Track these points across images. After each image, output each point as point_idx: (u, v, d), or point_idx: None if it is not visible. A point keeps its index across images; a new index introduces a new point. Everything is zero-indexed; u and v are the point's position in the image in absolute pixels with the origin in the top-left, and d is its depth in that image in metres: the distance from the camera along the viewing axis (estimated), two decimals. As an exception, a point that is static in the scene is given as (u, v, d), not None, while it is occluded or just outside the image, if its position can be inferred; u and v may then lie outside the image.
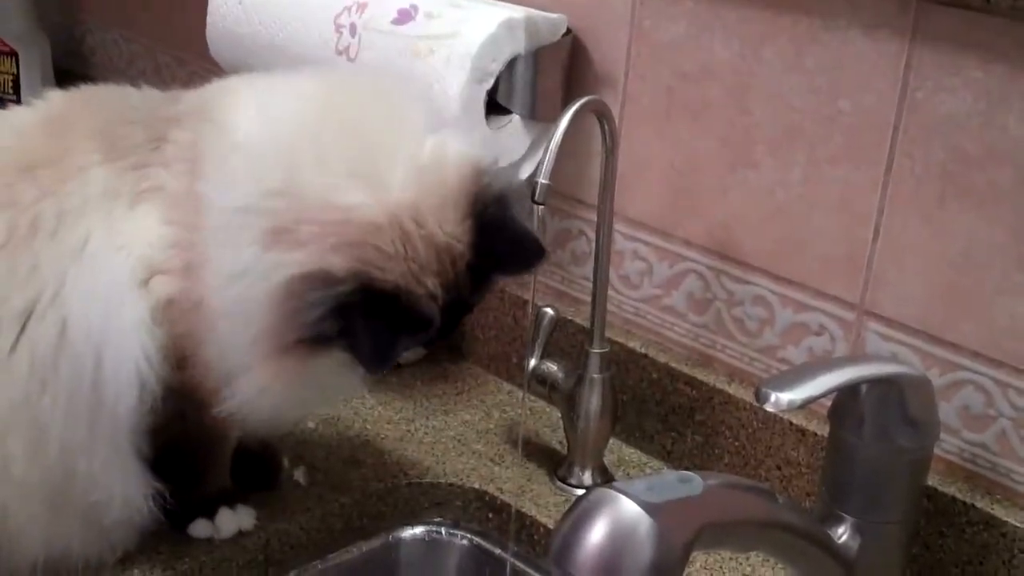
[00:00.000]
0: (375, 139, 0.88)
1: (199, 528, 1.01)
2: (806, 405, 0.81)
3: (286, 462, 1.10)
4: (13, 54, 1.67)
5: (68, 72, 1.69)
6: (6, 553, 0.92)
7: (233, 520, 1.01)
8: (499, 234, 0.89)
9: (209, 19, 1.30)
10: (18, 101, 1.64)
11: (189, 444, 0.96)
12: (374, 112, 0.91)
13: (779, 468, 1.05)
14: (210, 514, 1.01)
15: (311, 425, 1.16)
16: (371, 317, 0.83)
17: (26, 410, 0.88)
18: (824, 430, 0.99)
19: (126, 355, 0.88)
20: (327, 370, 0.88)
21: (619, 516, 0.70)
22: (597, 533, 0.70)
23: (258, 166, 0.87)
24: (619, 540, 0.70)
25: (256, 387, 0.88)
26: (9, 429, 0.88)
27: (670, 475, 0.75)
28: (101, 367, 0.88)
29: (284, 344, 0.85)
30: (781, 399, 0.80)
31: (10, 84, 1.68)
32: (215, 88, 0.96)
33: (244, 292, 0.85)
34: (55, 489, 0.91)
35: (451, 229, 0.87)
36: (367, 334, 0.83)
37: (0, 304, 0.88)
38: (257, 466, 1.06)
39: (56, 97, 0.97)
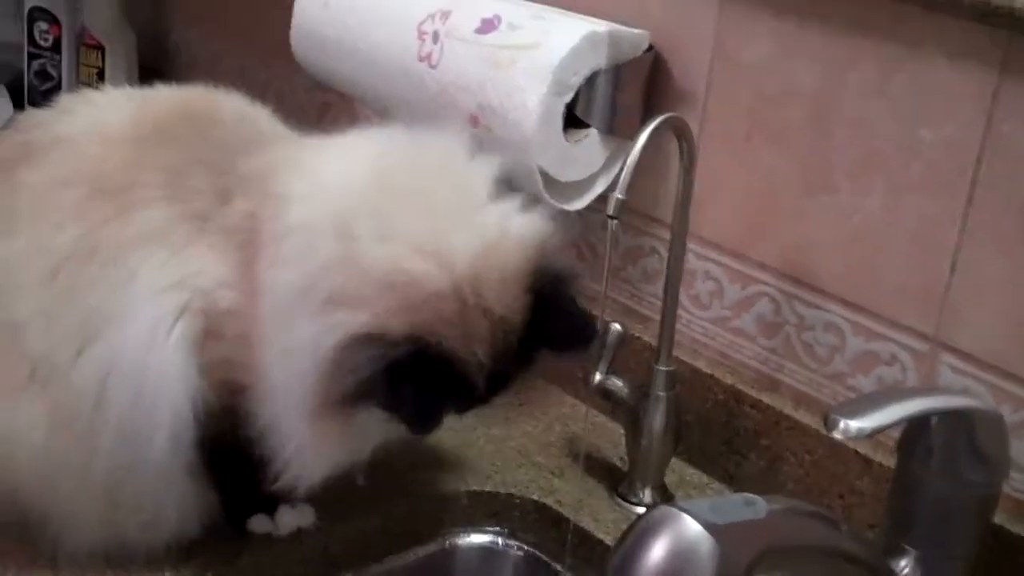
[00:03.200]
0: (437, 211, 0.89)
1: (258, 524, 1.01)
2: (875, 434, 0.80)
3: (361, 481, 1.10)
4: (100, 48, 1.70)
5: (153, 69, 1.72)
6: (64, 535, 0.94)
7: (293, 517, 1.02)
8: (554, 313, 0.90)
9: (294, 21, 1.31)
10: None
11: (244, 451, 0.97)
12: (435, 180, 0.91)
13: (842, 497, 1.04)
14: (270, 510, 1.02)
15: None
16: (420, 381, 0.84)
17: (80, 425, 0.90)
18: (890, 461, 0.98)
19: (163, 402, 0.89)
20: (369, 427, 0.90)
21: (681, 535, 0.70)
22: (658, 551, 0.70)
23: (315, 244, 0.87)
24: (680, 560, 0.70)
25: (299, 447, 0.89)
26: (62, 439, 0.90)
27: (734, 497, 0.74)
28: (142, 402, 0.89)
29: (327, 404, 0.86)
30: (850, 426, 0.79)
31: (96, 77, 1.71)
32: (285, 154, 0.95)
33: (298, 356, 0.86)
34: (106, 506, 0.93)
35: (509, 303, 0.87)
36: (414, 397, 0.84)
37: (61, 318, 0.90)
38: None
39: (157, 102, 0.97)
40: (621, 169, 0.94)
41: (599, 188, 1.14)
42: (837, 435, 0.79)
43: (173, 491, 0.93)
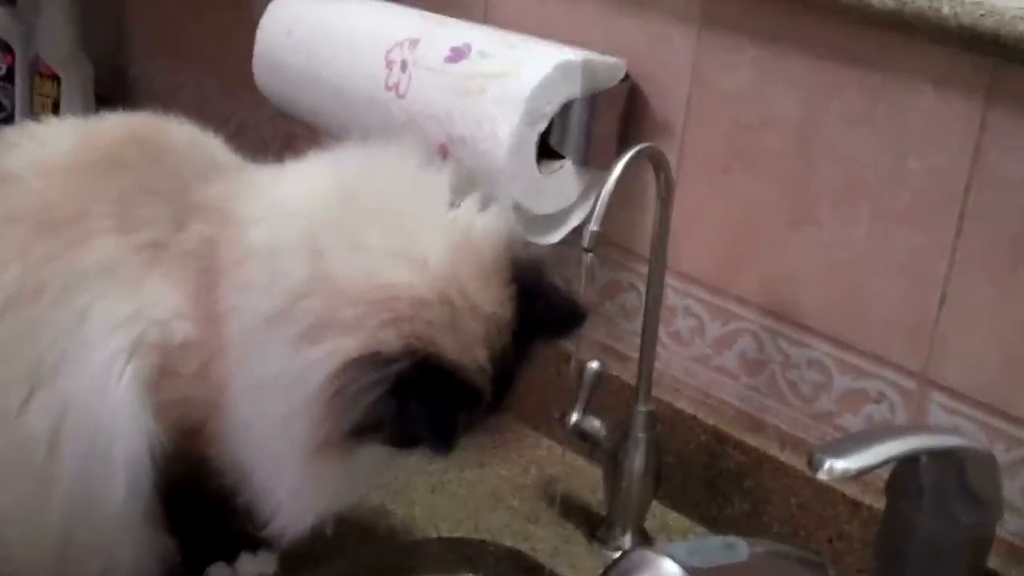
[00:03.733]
0: (402, 217, 0.89)
1: (218, 572, 1.00)
2: (862, 475, 0.80)
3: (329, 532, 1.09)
4: (55, 78, 1.70)
5: (110, 100, 1.71)
6: None
7: (255, 566, 1.01)
8: (541, 299, 0.90)
9: (256, 49, 1.32)
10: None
11: (203, 496, 0.96)
12: (394, 189, 0.91)
13: (831, 542, 1.04)
14: (230, 558, 1.01)
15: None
16: (427, 394, 0.83)
17: (31, 473, 0.89)
18: (880, 503, 0.98)
19: (118, 447, 0.88)
20: (368, 464, 0.89)
21: (660, 580, 0.70)
22: (636, 597, 0.69)
23: (282, 267, 0.86)
24: (659, 606, 0.69)
25: (293, 491, 0.88)
26: (12, 491, 0.89)
27: (714, 540, 0.74)
28: (97, 449, 0.88)
29: (329, 440, 0.85)
30: (835, 467, 0.79)
31: (50, 107, 1.70)
32: (242, 180, 0.95)
33: (279, 397, 0.85)
34: (58, 556, 0.91)
35: (494, 298, 0.87)
36: (427, 413, 0.83)
37: (7, 363, 0.89)
38: None
39: (102, 131, 0.96)
40: (596, 201, 0.94)
41: (574, 221, 1.15)
42: (822, 476, 0.79)
43: (129, 539, 0.92)
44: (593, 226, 0.94)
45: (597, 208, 0.94)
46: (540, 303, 0.90)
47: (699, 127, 1.10)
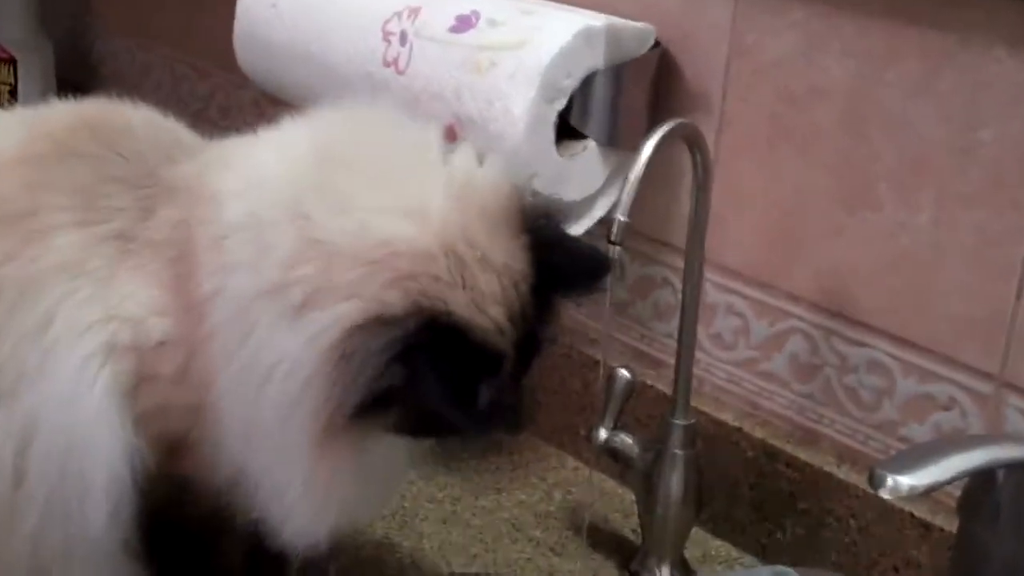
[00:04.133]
0: (392, 172, 0.89)
1: (203, 616, 1.01)
2: (930, 492, 0.79)
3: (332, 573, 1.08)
4: (11, 61, 1.71)
5: (73, 84, 1.72)
6: None
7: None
8: (558, 248, 0.90)
9: (237, 25, 1.32)
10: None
11: (190, 527, 0.96)
12: (380, 145, 0.92)
13: (896, 570, 1.04)
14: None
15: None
16: (441, 358, 0.82)
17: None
18: (952, 525, 0.98)
19: (98, 466, 0.88)
20: (385, 458, 0.89)
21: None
22: (676, 634, 0.69)
23: (268, 238, 0.86)
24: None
25: (304, 489, 0.87)
26: None
27: (763, 571, 0.74)
28: (70, 470, 0.88)
29: (335, 423, 0.84)
30: (900, 484, 0.78)
31: (7, 95, 1.71)
32: (211, 155, 0.96)
33: (276, 382, 0.85)
34: None
35: (506, 248, 0.87)
36: (441, 379, 0.82)
37: None
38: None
39: (51, 120, 0.97)
40: (624, 187, 0.94)
41: (599, 210, 1.14)
42: (885, 494, 0.79)
43: (108, 574, 0.92)
44: (621, 215, 0.93)
45: (625, 195, 0.94)
46: (557, 253, 0.89)
47: (739, 100, 1.10)
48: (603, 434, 1.11)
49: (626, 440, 1.11)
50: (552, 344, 0.92)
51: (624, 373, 1.10)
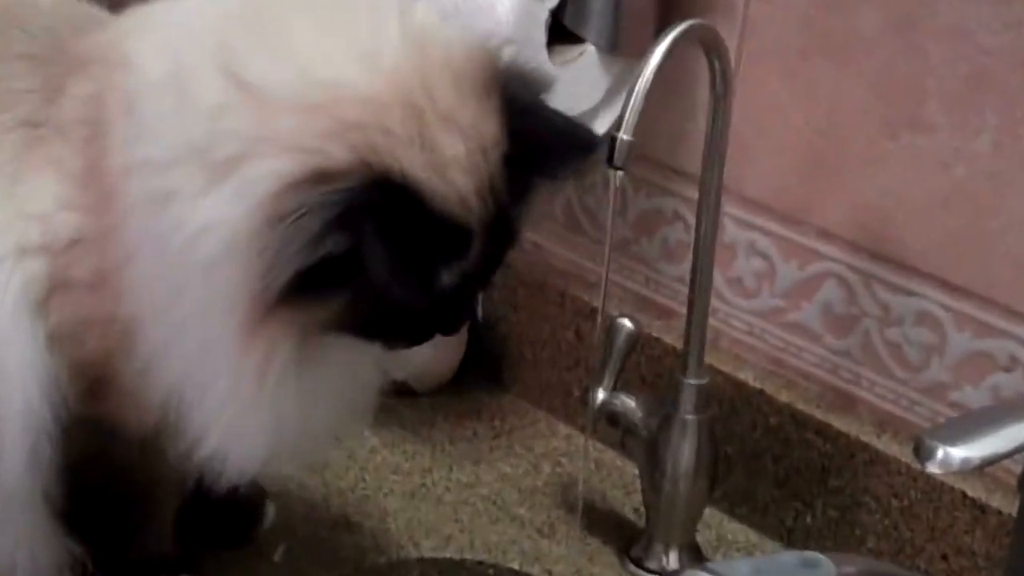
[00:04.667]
0: (342, 12, 0.88)
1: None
2: (987, 467, 0.79)
3: (271, 509, 1.10)
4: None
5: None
6: None
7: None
8: (535, 115, 0.89)
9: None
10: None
11: (116, 489, 0.97)
12: None
13: (945, 558, 1.04)
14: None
15: (287, 471, 1.16)
16: (392, 225, 0.82)
17: None
18: (1011, 506, 0.98)
19: (11, 393, 0.88)
20: (321, 358, 0.88)
21: (714, 611, 0.70)
22: (682, 633, 0.70)
23: (191, 91, 0.86)
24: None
25: (225, 392, 0.87)
26: None
27: (788, 557, 0.74)
28: None
29: (263, 304, 0.83)
30: (952, 456, 0.78)
31: None
32: (128, 21, 0.95)
33: (201, 264, 0.84)
34: None
35: (474, 108, 0.86)
36: (392, 248, 0.81)
37: None
38: (225, 513, 1.07)
39: None
40: (628, 101, 0.94)
41: (599, 128, 1.14)
42: (934, 469, 0.79)
43: (25, 532, 0.92)
44: (624, 134, 0.93)
45: (629, 110, 0.93)
46: (534, 120, 0.89)
47: (766, 1, 1.10)
48: (601, 395, 1.11)
49: (628, 402, 1.11)
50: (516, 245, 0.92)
51: (626, 323, 1.11)
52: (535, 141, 0.88)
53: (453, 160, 0.85)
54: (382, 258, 0.81)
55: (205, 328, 0.86)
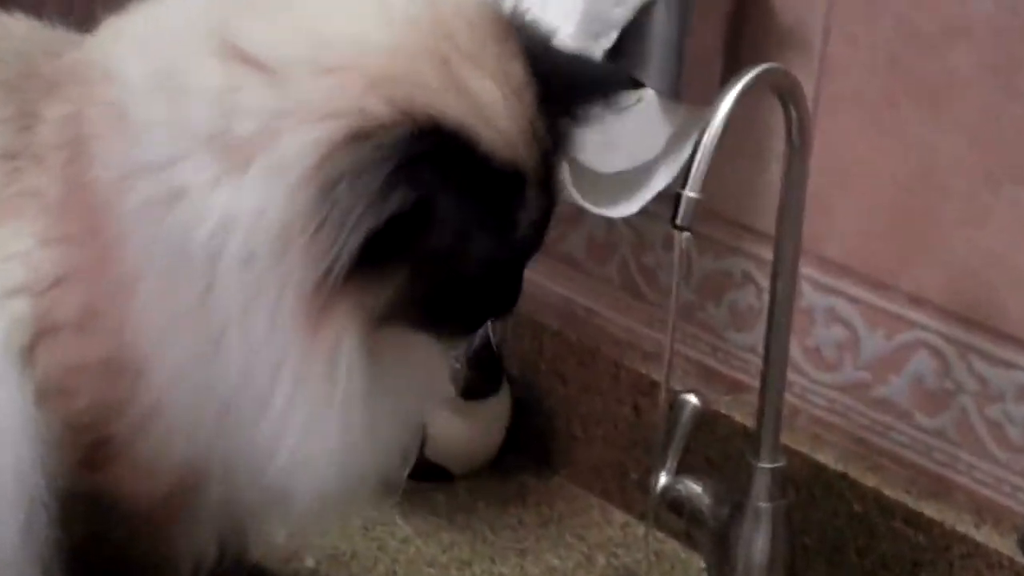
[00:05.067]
0: None
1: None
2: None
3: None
4: None
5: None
6: None
7: None
8: (556, 58, 0.93)
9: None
10: None
11: (118, 541, 0.98)
12: None
13: (1054, 665, 1.04)
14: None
15: (310, 564, 1.17)
16: (453, 174, 0.84)
17: None
18: None
19: (8, 452, 0.89)
20: (390, 349, 0.90)
21: None
22: None
23: (180, 85, 0.88)
24: None
25: (291, 391, 0.87)
26: None
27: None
28: None
29: (327, 289, 0.84)
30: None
31: None
32: (102, 36, 0.97)
33: (230, 258, 0.85)
34: None
35: (498, 53, 0.89)
36: (462, 195, 0.84)
37: None
38: None
39: None
40: (694, 154, 0.94)
41: (659, 183, 1.15)
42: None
43: None
44: (690, 191, 0.94)
45: (696, 165, 0.94)
46: (555, 60, 0.93)
47: (847, 39, 1.10)
48: (663, 479, 1.11)
49: (693, 488, 1.11)
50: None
51: (691, 398, 1.11)
52: (562, 81, 0.92)
53: (492, 104, 0.88)
54: (455, 206, 0.84)
55: (251, 330, 0.87)
